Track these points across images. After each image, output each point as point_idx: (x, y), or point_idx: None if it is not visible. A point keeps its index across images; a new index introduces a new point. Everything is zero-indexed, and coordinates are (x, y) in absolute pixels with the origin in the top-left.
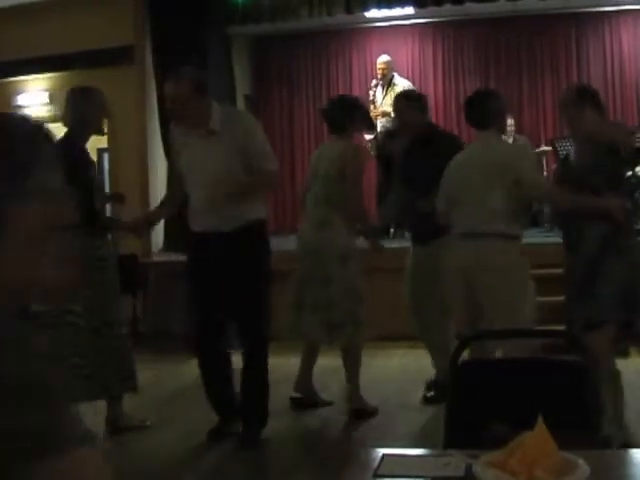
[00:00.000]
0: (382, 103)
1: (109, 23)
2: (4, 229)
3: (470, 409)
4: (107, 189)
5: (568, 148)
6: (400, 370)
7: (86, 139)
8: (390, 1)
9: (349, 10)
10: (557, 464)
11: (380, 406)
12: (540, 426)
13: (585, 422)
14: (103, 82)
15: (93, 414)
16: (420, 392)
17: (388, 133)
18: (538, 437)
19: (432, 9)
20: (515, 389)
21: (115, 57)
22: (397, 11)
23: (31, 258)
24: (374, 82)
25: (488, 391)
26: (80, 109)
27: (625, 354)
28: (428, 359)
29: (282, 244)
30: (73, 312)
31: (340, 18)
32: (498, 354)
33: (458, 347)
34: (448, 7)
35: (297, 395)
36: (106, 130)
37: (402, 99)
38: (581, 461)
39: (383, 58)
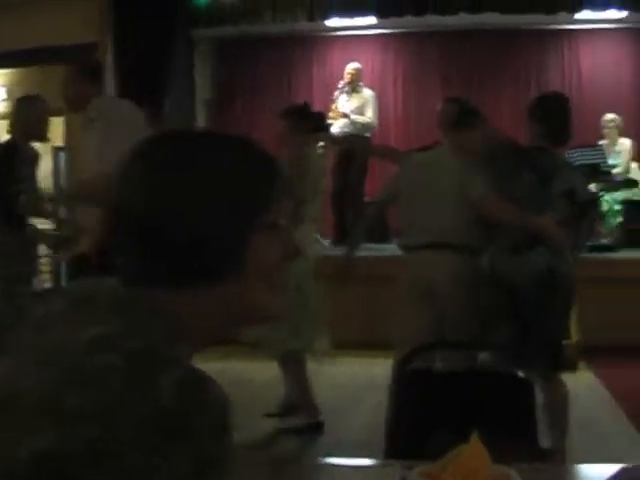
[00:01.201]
0: (344, 106)
1: (71, 20)
2: (246, 259)
3: (412, 419)
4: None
5: None
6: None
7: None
8: (352, 10)
9: (312, 17)
10: (490, 477)
11: (331, 414)
12: (474, 439)
13: (524, 434)
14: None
15: None
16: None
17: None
18: (472, 450)
19: (394, 20)
20: (457, 400)
21: (76, 54)
22: (359, 20)
23: (268, 286)
24: (341, 84)
25: (430, 402)
26: (22, 117)
27: (573, 368)
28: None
29: None
30: None
31: (303, 25)
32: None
33: (403, 359)
34: (410, 18)
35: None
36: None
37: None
38: (514, 474)
39: (354, 64)
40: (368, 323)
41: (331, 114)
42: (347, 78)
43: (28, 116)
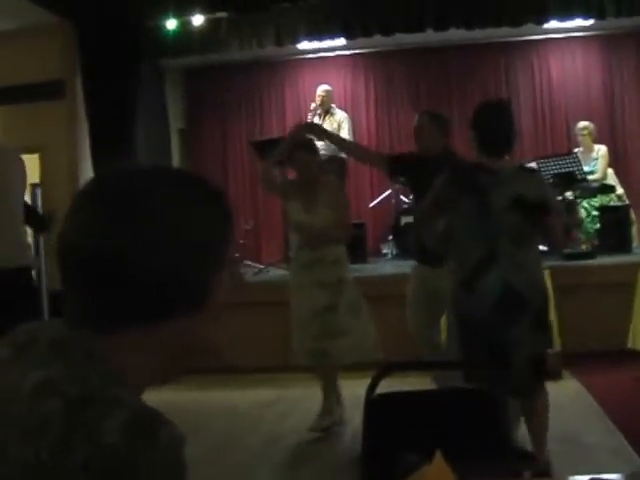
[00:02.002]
0: None
1: (38, 58)
2: (207, 297)
3: (385, 441)
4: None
5: None
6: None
7: None
8: (320, 33)
9: (279, 42)
10: None
11: (314, 437)
12: (438, 459)
13: (497, 452)
14: (33, 118)
15: None
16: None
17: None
18: (436, 470)
19: (362, 40)
20: (429, 420)
21: (45, 92)
22: (328, 43)
23: (215, 321)
24: (313, 106)
25: (402, 423)
26: None
27: (557, 377)
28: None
29: None
30: None
31: (271, 50)
32: None
33: (373, 380)
34: (378, 38)
35: None
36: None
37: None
38: None
39: (324, 87)
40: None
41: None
42: (318, 101)
43: None
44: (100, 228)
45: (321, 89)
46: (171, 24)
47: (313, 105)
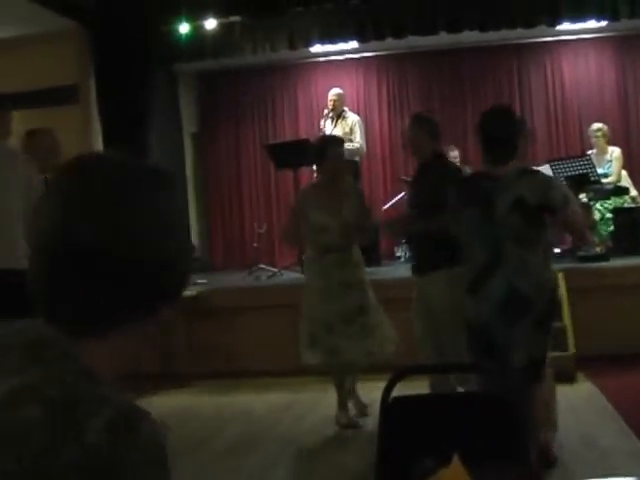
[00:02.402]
0: (331, 133)
1: (53, 62)
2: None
3: (400, 445)
4: None
5: None
6: None
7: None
8: (333, 36)
9: (293, 46)
10: None
11: (328, 441)
12: (455, 462)
13: (514, 455)
14: (47, 122)
15: None
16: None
17: None
18: (453, 474)
19: (375, 43)
20: (445, 424)
21: (59, 97)
22: (341, 46)
23: (139, 350)
24: (325, 111)
25: (418, 427)
26: (26, 150)
27: (571, 380)
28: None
29: None
30: None
31: (284, 53)
32: None
33: (389, 383)
34: (390, 41)
35: None
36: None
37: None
38: None
39: (335, 90)
40: None
41: None
42: (330, 104)
43: (31, 150)
44: (83, 222)
45: (333, 93)
46: (184, 28)
47: (326, 111)
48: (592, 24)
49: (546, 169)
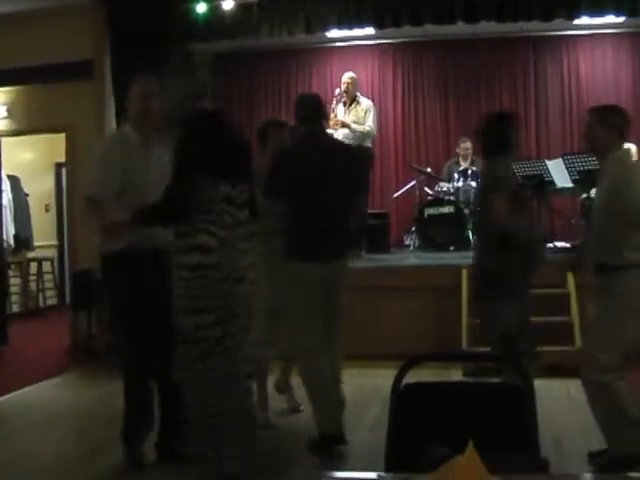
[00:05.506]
0: (343, 116)
1: (69, 37)
2: None
3: (411, 432)
4: (65, 203)
5: None
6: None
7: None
8: (350, 21)
9: (309, 30)
10: None
11: None
12: (470, 450)
13: (523, 445)
14: (60, 96)
15: None
16: (371, 411)
17: None
18: (468, 461)
19: (392, 30)
20: (456, 411)
21: (74, 71)
22: (357, 31)
23: None
24: (337, 91)
25: (429, 414)
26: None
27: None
28: (380, 378)
29: None
30: None
31: (301, 37)
32: None
33: (401, 370)
34: (408, 28)
35: None
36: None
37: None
38: None
39: (349, 74)
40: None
41: (331, 123)
42: (343, 87)
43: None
44: None
45: (347, 76)
46: (201, 8)
47: (337, 91)
48: (610, 19)
49: (559, 163)
